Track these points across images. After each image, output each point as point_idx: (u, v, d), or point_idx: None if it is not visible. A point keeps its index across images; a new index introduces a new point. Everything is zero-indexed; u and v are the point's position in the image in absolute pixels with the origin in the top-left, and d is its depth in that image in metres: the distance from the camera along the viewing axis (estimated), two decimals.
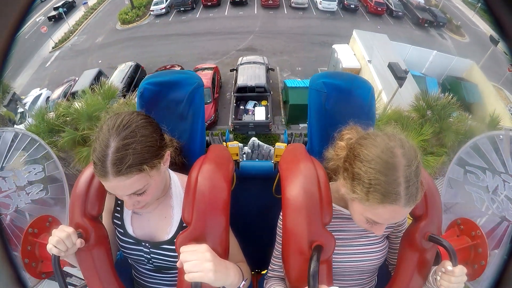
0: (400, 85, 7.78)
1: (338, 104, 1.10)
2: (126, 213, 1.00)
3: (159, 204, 0.98)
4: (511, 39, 0.59)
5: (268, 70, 10.91)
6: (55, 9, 21.52)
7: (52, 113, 6.02)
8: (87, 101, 5.60)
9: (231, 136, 1.57)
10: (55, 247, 0.82)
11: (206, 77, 10.10)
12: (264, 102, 9.79)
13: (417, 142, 5.20)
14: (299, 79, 10.93)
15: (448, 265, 0.83)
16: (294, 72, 13.32)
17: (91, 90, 6.11)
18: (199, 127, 1.17)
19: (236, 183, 1.12)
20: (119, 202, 1.02)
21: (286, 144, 1.44)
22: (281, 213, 0.94)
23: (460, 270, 0.82)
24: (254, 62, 10.98)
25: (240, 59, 11.61)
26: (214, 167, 0.95)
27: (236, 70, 10.72)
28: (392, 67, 7.72)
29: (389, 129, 0.83)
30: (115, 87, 6.43)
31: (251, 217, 1.36)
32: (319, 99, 1.11)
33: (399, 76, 7.57)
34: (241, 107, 9.68)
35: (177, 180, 1.00)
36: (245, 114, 9.53)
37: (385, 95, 8.96)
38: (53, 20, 21.00)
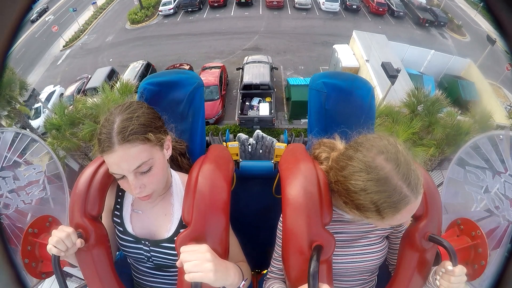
0: (392, 83, 8.27)
1: (338, 104, 1.10)
2: (125, 211, 1.00)
3: (159, 201, 0.98)
4: (511, 38, 0.59)
5: (272, 69, 11.50)
6: None
7: (70, 108, 6.48)
8: (106, 96, 6.23)
9: (231, 136, 1.58)
10: (55, 247, 0.82)
11: (213, 75, 10.85)
12: (268, 99, 10.39)
13: (407, 134, 5.70)
14: (301, 78, 11.51)
15: (448, 265, 0.83)
16: (297, 71, 13.75)
17: (108, 86, 6.76)
18: (199, 127, 1.17)
19: (236, 183, 1.12)
20: (119, 200, 1.02)
21: (286, 144, 1.44)
22: (281, 216, 0.94)
23: (460, 270, 0.82)
24: (259, 61, 11.63)
25: (246, 58, 12.23)
26: (214, 167, 0.95)
27: (242, 68, 11.35)
28: (384, 66, 8.20)
29: (358, 139, 0.81)
30: (132, 83, 7.19)
31: (251, 217, 1.36)
32: (319, 99, 1.11)
33: (391, 74, 8.07)
34: (247, 103, 10.32)
35: (178, 179, 1.01)
36: (250, 110, 10.15)
37: (380, 92, 9.39)
38: None
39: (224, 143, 1.42)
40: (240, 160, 1.45)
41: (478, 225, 1.19)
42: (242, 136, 1.97)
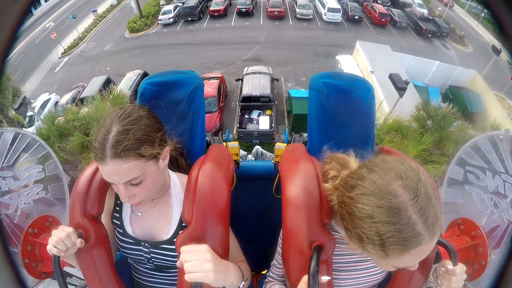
0: (401, 96, 7.88)
1: (338, 104, 1.10)
2: (125, 213, 1.00)
3: (158, 203, 0.98)
4: (511, 39, 0.59)
5: (273, 80, 11.06)
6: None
7: (61, 117, 6.28)
8: (97, 107, 5.87)
9: (231, 136, 1.58)
10: (55, 247, 0.82)
11: (212, 86, 10.33)
12: (268, 112, 9.92)
13: (417, 151, 5.25)
14: (303, 90, 11.02)
15: (448, 264, 0.83)
16: (299, 83, 13.47)
17: (101, 96, 6.49)
18: (199, 127, 1.17)
19: (236, 183, 1.12)
20: (119, 202, 1.02)
21: (286, 144, 1.44)
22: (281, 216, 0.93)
23: (461, 269, 0.82)
24: (259, 72, 11.18)
25: (246, 69, 11.83)
26: (214, 167, 0.95)
27: (242, 80, 10.91)
28: (392, 78, 7.83)
29: (375, 159, 0.72)
30: (124, 94, 6.82)
31: (251, 217, 1.36)
32: (319, 99, 1.11)
33: (400, 87, 7.68)
34: (246, 116, 9.85)
35: (177, 180, 1.01)
36: (249, 123, 9.69)
37: (387, 105, 8.95)
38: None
39: (224, 143, 1.42)
40: (240, 160, 1.45)
41: (478, 225, 1.20)
42: (240, 152, 1.83)
